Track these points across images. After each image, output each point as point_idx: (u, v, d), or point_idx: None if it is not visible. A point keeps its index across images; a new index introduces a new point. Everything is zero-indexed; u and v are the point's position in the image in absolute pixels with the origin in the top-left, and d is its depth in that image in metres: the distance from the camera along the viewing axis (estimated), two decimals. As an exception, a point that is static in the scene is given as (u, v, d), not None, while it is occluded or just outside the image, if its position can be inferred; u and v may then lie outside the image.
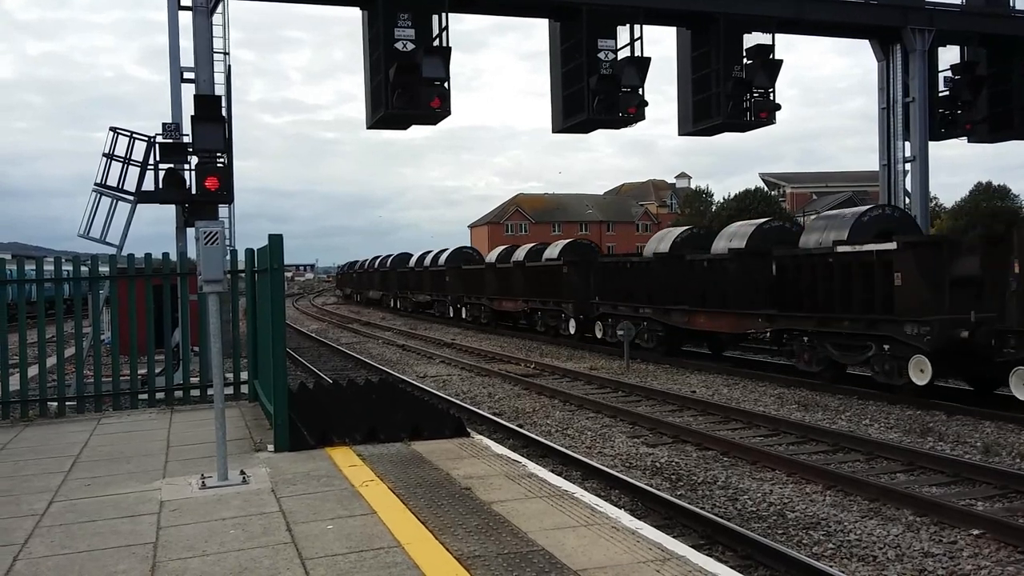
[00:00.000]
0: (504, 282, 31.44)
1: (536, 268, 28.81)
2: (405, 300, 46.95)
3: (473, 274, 35.47)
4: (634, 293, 22.42)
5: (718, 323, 19.12)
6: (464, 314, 35.79)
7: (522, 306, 29.44)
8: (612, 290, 23.66)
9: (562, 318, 26.34)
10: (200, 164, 15.27)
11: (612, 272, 24.17)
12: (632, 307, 22.22)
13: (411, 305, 45.36)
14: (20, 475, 7.61)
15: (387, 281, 52.25)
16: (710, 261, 19.53)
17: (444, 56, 16.85)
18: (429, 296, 41.64)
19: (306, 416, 9.18)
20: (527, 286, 29.08)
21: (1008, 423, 11.92)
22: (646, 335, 21.68)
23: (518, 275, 30.03)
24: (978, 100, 22.24)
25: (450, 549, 5.18)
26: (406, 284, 46.87)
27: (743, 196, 72.58)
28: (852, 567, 6.74)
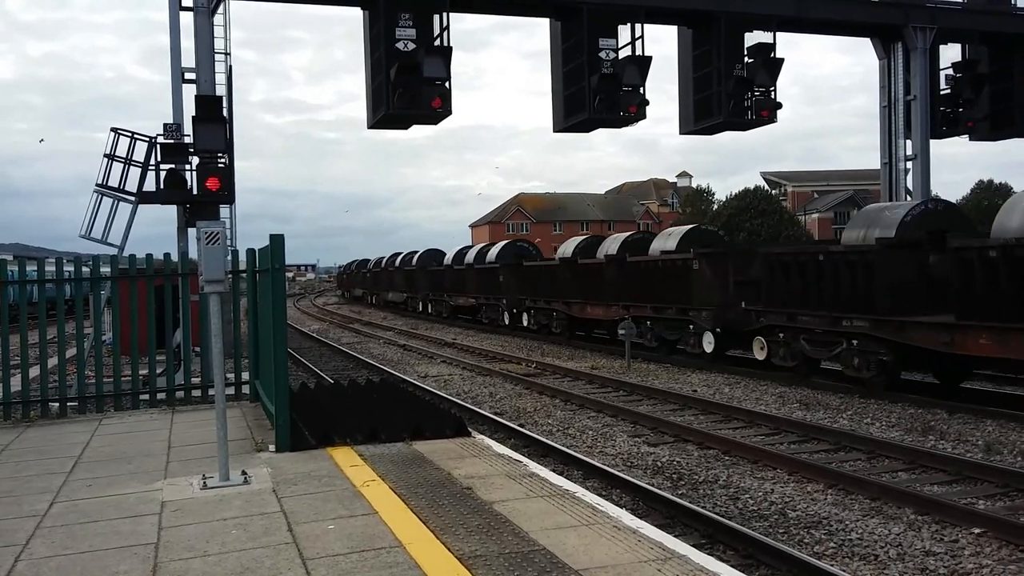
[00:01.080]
0: (589, 282, 24.54)
1: (647, 264, 21.72)
2: (439, 304, 40.38)
3: (539, 272, 28.83)
4: (830, 298, 15.10)
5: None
6: (526, 321, 29.35)
7: (618, 313, 22.42)
8: (784, 293, 16.38)
9: (690, 330, 19.67)
10: (201, 164, 15.29)
11: (781, 268, 16.54)
12: (827, 318, 14.91)
13: (447, 310, 38.97)
14: (22, 476, 7.62)
15: (413, 282, 45.05)
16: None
17: (445, 56, 16.86)
18: (473, 299, 34.75)
19: (307, 416, 9.18)
20: (628, 287, 22.32)
21: (1010, 421, 11.91)
22: (861, 359, 14.64)
23: (613, 273, 23.03)
24: (979, 98, 22.23)
25: (451, 549, 5.18)
26: (440, 285, 40.02)
27: (744, 195, 72.58)
28: (854, 566, 6.73)
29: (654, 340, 21.23)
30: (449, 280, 38.71)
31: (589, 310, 24.58)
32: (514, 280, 30.20)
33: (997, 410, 12.38)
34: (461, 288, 36.67)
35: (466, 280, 35.90)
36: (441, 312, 40.07)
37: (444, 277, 39.57)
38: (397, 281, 49.68)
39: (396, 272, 50.22)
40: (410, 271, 46.41)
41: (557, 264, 27.36)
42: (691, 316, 19.31)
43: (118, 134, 15.28)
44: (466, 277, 35.92)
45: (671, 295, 20.17)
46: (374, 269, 59.48)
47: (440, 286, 40.17)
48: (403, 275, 48.18)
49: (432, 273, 42.08)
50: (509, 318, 30.79)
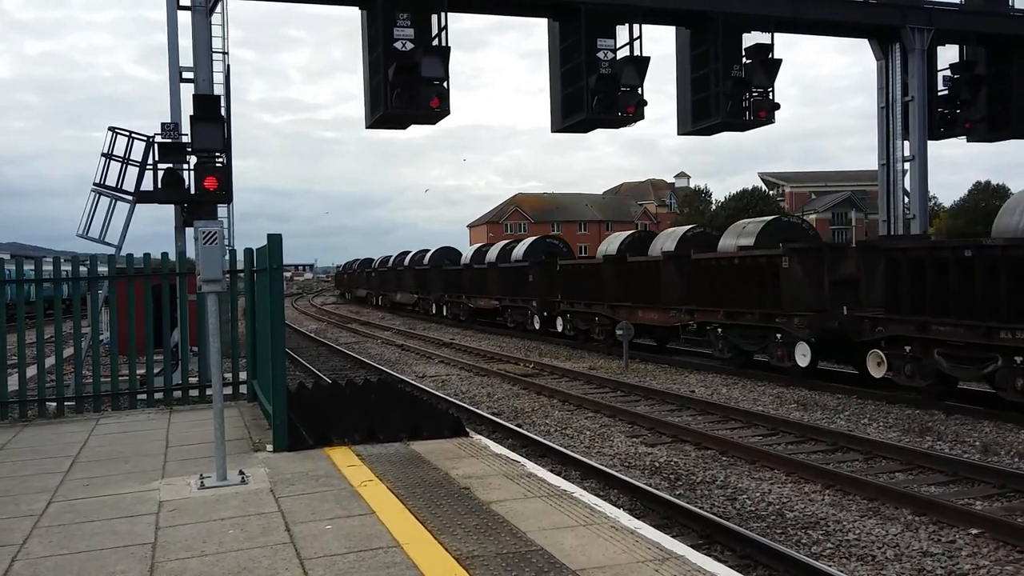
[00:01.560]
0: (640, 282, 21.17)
1: (719, 263, 18.50)
2: (456, 306, 37.12)
3: (578, 272, 25.30)
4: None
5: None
6: (561, 326, 25.80)
7: (679, 318, 19.68)
8: (913, 297, 13.50)
9: (776, 340, 16.44)
10: (199, 164, 15.27)
11: (910, 266, 13.66)
12: (976, 328, 12.39)
13: (465, 312, 35.68)
14: (18, 475, 7.61)
15: (426, 282, 41.53)
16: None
17: (443, 56, 16.85)
18: (496, 301, 31.34)
19: (305, 416, 9.17)
20: (693, 289, 19.11)
21: (1007, 422, 11.92)
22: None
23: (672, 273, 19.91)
24: (977, 99, 22.25)
25: (449, 549, 5.18)
26: (457, 285, 36.71)
27: (741, 195, 72.69)
28: (851, 566, 6.74)
29: (727, 351, 18.28)
30: (468, 280, 35.22)
31: (641, 315, 21.14)
32: (546, 280, 27.02)
33: (994, 411, 12.38)
34: (482, 289, 33.14)
35: (488, 280, 32.43)
36: (458, 315, 36.75)
37: (462, 277, 36.13)
38: (407, 281, 46.09)
39: (406, 272, 46.80)
40: (422, 270, 43.08)
41: (600, 262, 23.65)
42: (779, 323, 16.33)
43: (116, 133, 15.26)
44: (488, 277, 32.45)
45: (751, 298, 17.10)
46: (380, 268, 55.70)
47: (457, 287, 36.85)
48: (413, 275, 44.71)
49: (448, 273, 38.70)
50: (540, 322, 27.46)
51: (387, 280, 51.96)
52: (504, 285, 30.70)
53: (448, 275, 38.61)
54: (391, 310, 48.83)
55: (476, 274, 34.23)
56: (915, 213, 22.00)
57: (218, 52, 16.38)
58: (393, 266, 51.10)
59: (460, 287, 36.37)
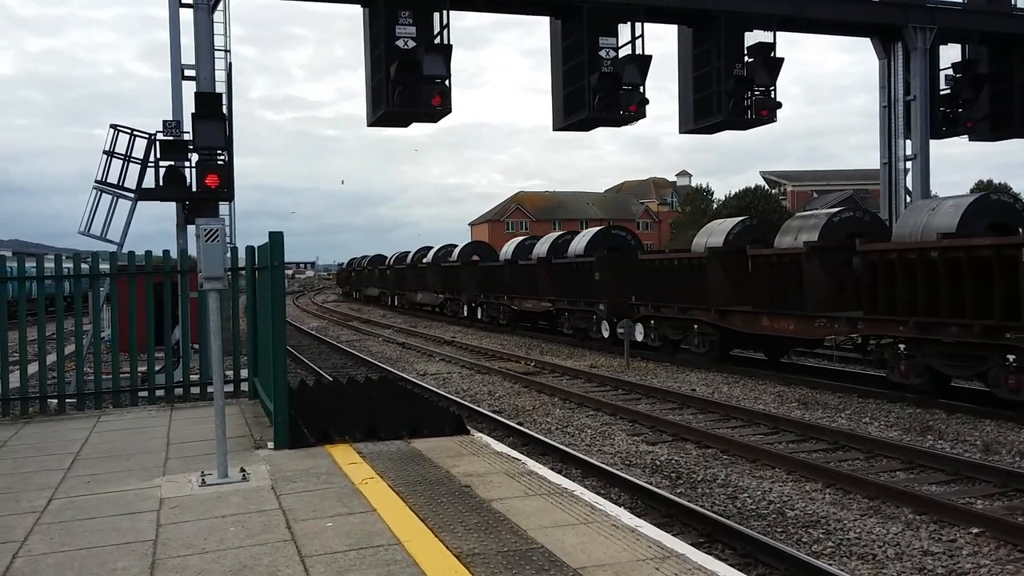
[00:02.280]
0: (775, 280, 16.80)
1: (946, 254, 12.73)
2: (494, 308, 32.23)
3: (669, 269, 20.58)
4: None
5: None
6: (642, 334, 21.30)
7: (848, 329, 14.89)
8: None
9: None
10: (201, 161, 15.26)
11: None
12: None
13: (506, 315, 30.97)
14: (20, 472, 7.61)
15: (455, 281, 36.75)
16: None
17: (445, 54, 16.83)
18: (550, 303, 26.75)
19: (306, 413, 9.18)
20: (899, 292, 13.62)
21: (1008, 421, 11.91)
22: None
23: (830, 268, 15.61)
24: (979, 98, 22.20)
25: (450, 547, 5.18)
26: (496, 284, 31.71)
27: (743, 194, 72.64)
28: (852, 565, 6.74)
29: (915, 374, 13.52)
30: (511, 279, 30.26)
31: (768, 323, 16.82)
32: (618, 279, 22.63)
33: (995, 410, 12.37)
34: (529, 289, 28.33)
35: (537, 279, 27.74)
36: (497, 318, 31.91)
37: (502, 275, 31.08)
38: (430, 280, 40.89)
39: (429, 269, 41.32)
40: (450, 268, 38.07)
41: (704, 256, 18.95)
42: (1012, 340, 11.68)
43: (117, 131, 15.26)
44: (537, 275, 27.74)
45: (962, 306, 12.39)
46: (397, 266, 49.72)
47: (495, 286, 31.96)
48: (439, 272, 39.58)
49: (485, 270, 33.82)
50: (609, 330, 22.85)
51: (405, 278, 46.88)
52: (560, 285, 26.16)
53: (484, 273, 33.70)
54: (409, 311, 45.00)
55: (522, 272, 29.31)
56: (917, 212, 21.95)
57: (220, 50, 16.38)
58: (413, 263, 45.97)
59: (499, 286, 31.53)
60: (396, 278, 49.55)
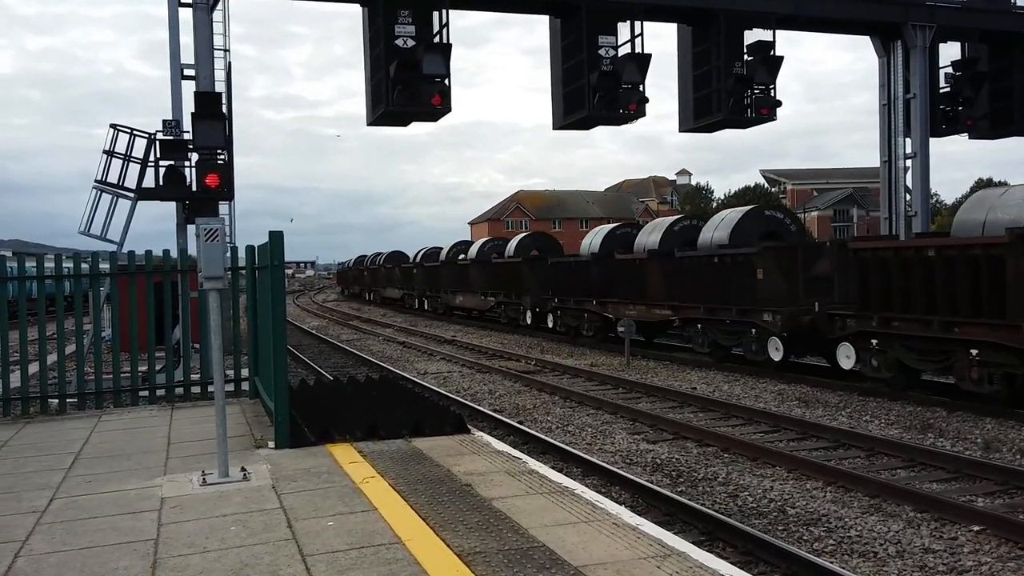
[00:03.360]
0: None
1: None
2: (575, 316, 25.21)
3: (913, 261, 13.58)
4: None
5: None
6: (852, 359, 14.89)
7: None
8: None
9: None
10: (200, 161, 15.27)
11: None
12: None
13: (591, 324, 24.04)
14: (21, 472, 7.62)
15: (512, 280, 29.77)
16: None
17: (444, 53, 16.83)
18: (670, 310, 20.04)
19: (307, 413, 9.18)
20: None
21: (1009, 419, 11.92)
22: None
23: None
24: (979, 96, 22.23)
25: (451, 545, 5.18)
26: (578, 285, 24.82)
27: (743, 193, 72.62)
28: (853, 563, 6.74)
29: None
30: (603, 277, 23.38)
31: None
32: (784, 276, 16.58)
33: (996, 408, 12.38)
34: (633, 291, 21.59)
35: (646, 278, 21.27)
36: (579, 328, 24.91)
37: (589, 272, 24.18)
38: (475, 280, 34.00)
39: (475, 267, 34.40)
40: (506, 265, 30.85)
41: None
42: None
43: (117, 130, 15.26)
44: (646, 273, 21.30)
45: None
46: (427, 263, 43.12)
47: (576, 287, 24.95)
48: (489, 271, 32.55)
49: (559, 268, 26.80)
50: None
51: (440, 278, 39.47)
52: (688, 285, 19.49)
53: (558, 271, 26.71)
54: (445, 317, 38.56)
55: (620, 269, 22.57)
56: (917, 210, 21.97)
57: (219, 49, 16.38)
58: (450, 259, 39.54)
59: (581, 288, 24.56)
60: (426, 278, 42.47)
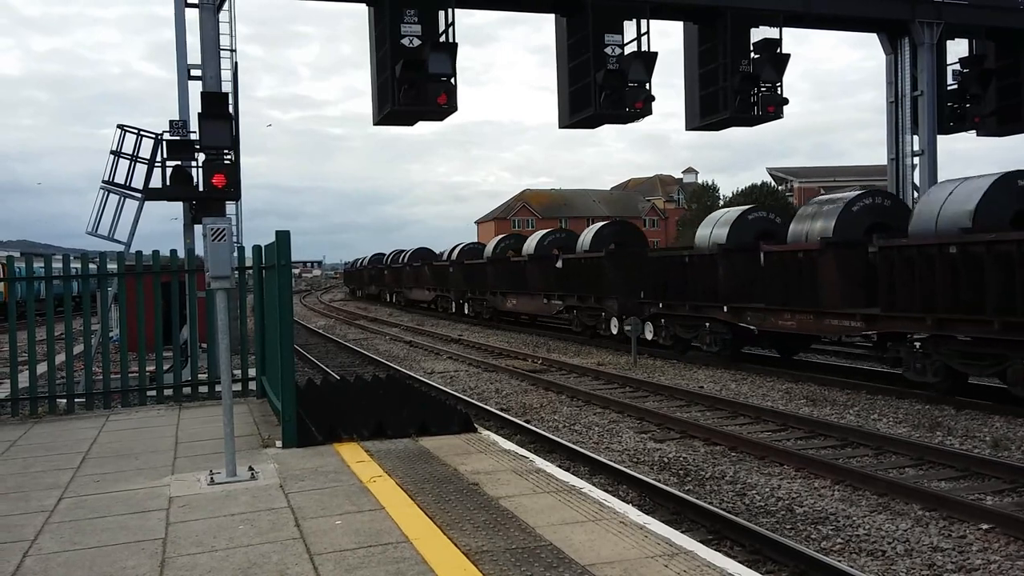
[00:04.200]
0: None
1: None
2: (679, 322, 20.34)
3: None
4: None
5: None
6: None
7: None
8: None
9: None
10: (207, 161, 15.28)
11: None
12: None
13: (721, 339, 18.80)
14: (30, 472, 7.64)
15: (597, 278, 23.94)
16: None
17: (451, 52, 16.83)
18: (864, 321, 14.81)
19: (314, 412, 9.19)
20: None
21: (1018, 417, 11.87)
22: None
23: None
24: (987, 93, 22.13)
25: (458, 544, 5.18)
26: (671, 285, 20.42)
27: (750, 191, 72.40)
28: (861, 562, 6.72)
29: None
30: (733, 275, 18.33)
31: None
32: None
33: (1005, 406, 12.33)
34: (797, 293, 16.32)
35: (820, 275, 15.84)
36: (695, 340, 19.91)
37: (715, 271, 18.82)
38: (533, 279, 28.86)
39: (533, 265, 28.80)
40: (576, 262, 25.60)
41: None
42: None
43: (124, 131, 15.28)
44: (821, 269, 15.83)
45: None
46: (466, 261, 37.07)
47: (693, 289, 19.58)
48: (550, 269, 27.23)
49: (666, 264, 21.70)
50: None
51: (484, 277, 34.11)
52: (923, 287, 13.38)
53: (665, 268, 21.27)
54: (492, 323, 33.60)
55: (776, 265, 17.13)
56: (924, 208, 21.88)
57: (226, 49, 16.39)
58: (498, 257, 33.93)
59: (701, 290, 19.37)
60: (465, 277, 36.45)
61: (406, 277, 48.88)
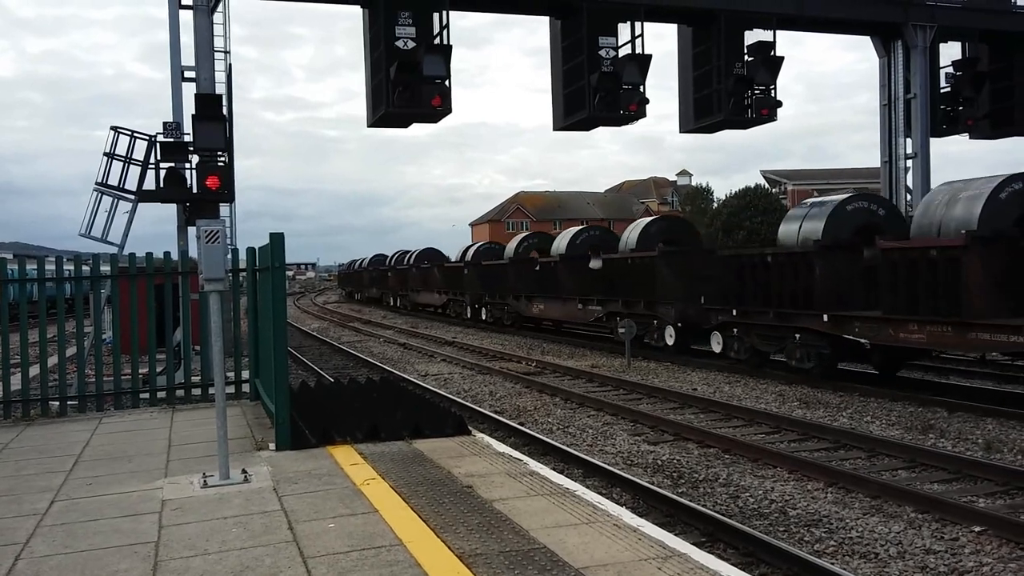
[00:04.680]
0: None
1: None
2: (767, 336, 17.09)
3: None
4: None
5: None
6: None
7: None
8: None
9: None
10: (201, 163, 15.27)
11: None
12: None
13: (816, 355, 15.71)
14: (22, 474, 7.61)
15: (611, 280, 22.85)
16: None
17: (445, 54, 16.84)
18: None
19: (308, 415, 9.18)
20: None
21: (1010, 419, 11.91)
22: None
23: None
24: (979, 96, 22.23)
25: (452, 547, 5.18)
26: (754, 288, 17.06)
27: (743, 193, 72.48)
28: (854, 564, 6.74)
29: None
30: (847, 280, 15.27)
31: None
32: None
33: (997, 408, 12.37)
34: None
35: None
36: (799, 356, 16.10)
37: (833, 271, 15.31)
38: (565, 282, 26.11)
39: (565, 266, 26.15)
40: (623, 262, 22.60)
41: None
42: None
43: (118, 132, 15.27)
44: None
45: None
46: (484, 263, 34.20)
47: (794, 294, 15.94)
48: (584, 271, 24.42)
49: (746, 263, 17.50)
50: None
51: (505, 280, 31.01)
52: None
53: (748, 268, 17.34)
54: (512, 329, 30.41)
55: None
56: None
57: (220, 51, 16.39)
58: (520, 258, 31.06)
59: (772, 294, 16.51)
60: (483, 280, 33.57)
61: (412, 279, 45.57)
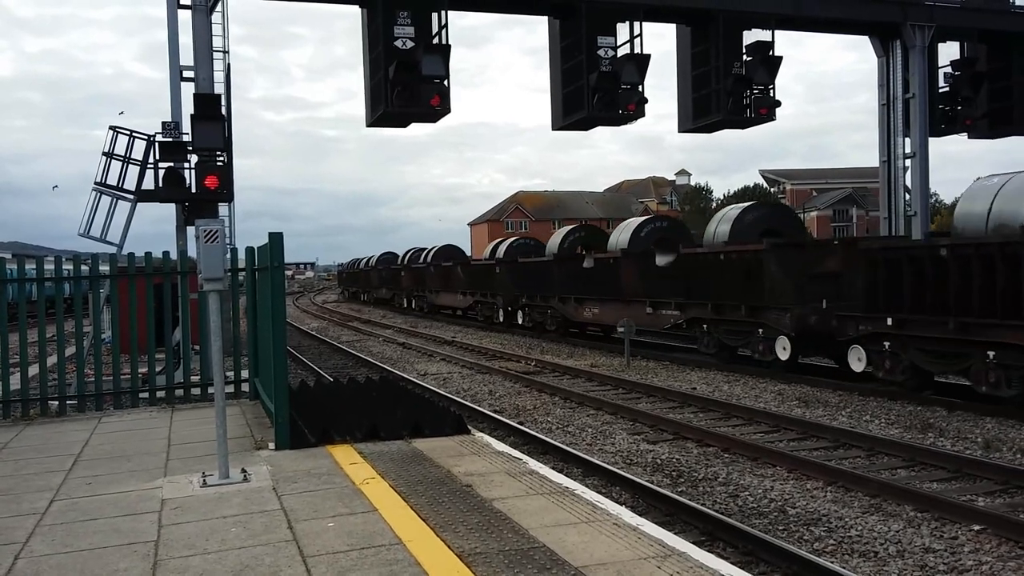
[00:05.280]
0: None
1: None
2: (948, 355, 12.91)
3: None
4: None
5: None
6: None
7: None
8: None
9: None
10: (200, 163, 15.26)
11: None
12: None
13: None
14: (21, 474, 7.61)
15: (695, 280, 19.23)
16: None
17: (444, 54, 16.84)
18: None
19: (307, 414, 9.18)
20: None
21: (1009, 419, 11.92)
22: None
23: None
24: (978, 96, 22.24)
25: (451, 546, 5.18)
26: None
27: (742, 193, 72.61)
28: (853, 563, 6.74)
29: None
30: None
31: None
32: None
33: (996, 408, 12.37)
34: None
35: None
36: (999, 380, 12.13)
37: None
38: (628, 283, 22.24)
39: (631, 264, 22.35)
40: (724, 258, 18.25)
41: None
42: None
43: (116, 132, 15.26)
44: None
45: None
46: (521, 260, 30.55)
47: (975, 302, 12.30)
48: (653, 269, 21.48)
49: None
50: None
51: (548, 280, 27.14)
52: None
53: (893, 267, 13.97)
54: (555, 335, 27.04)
55: None
56: (916, 210, 21.99)
57: (218, 51, 16.38)
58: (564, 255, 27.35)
59: (948, 300, 12.76)
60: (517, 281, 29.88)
61: (430, 279, 40.97)
